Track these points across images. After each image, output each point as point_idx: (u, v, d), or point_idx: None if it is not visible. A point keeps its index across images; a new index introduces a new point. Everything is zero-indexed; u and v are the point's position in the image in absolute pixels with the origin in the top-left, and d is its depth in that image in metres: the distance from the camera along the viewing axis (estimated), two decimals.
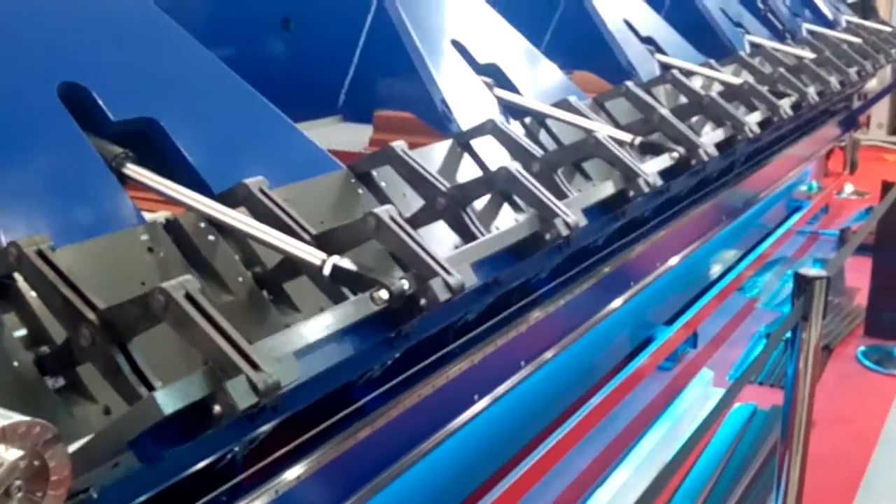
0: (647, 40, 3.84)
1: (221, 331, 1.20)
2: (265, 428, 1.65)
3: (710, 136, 2.90)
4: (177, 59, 1.90)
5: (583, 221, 2.02)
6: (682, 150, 2.60)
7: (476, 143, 2.41)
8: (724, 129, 3.00)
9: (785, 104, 3.39)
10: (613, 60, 3.57)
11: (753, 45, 4.56)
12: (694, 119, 3.13)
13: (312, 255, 1.50)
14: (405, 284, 1.49)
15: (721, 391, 3.40)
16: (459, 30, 2.82)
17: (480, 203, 2.12)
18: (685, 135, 2.70)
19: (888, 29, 6.33)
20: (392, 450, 2.03)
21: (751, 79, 3.63)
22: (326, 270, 1.47)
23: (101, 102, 1.64)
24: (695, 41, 4.12)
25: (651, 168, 2.41)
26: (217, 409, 1.17)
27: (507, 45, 3.00)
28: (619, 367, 3.18)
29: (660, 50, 3.84)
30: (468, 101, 2.58)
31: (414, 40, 2.61)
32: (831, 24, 5.91)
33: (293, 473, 1.76)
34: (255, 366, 1.19)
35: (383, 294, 1.45)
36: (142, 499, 1.43)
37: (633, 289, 3.16)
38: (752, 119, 3.15)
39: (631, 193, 2.31)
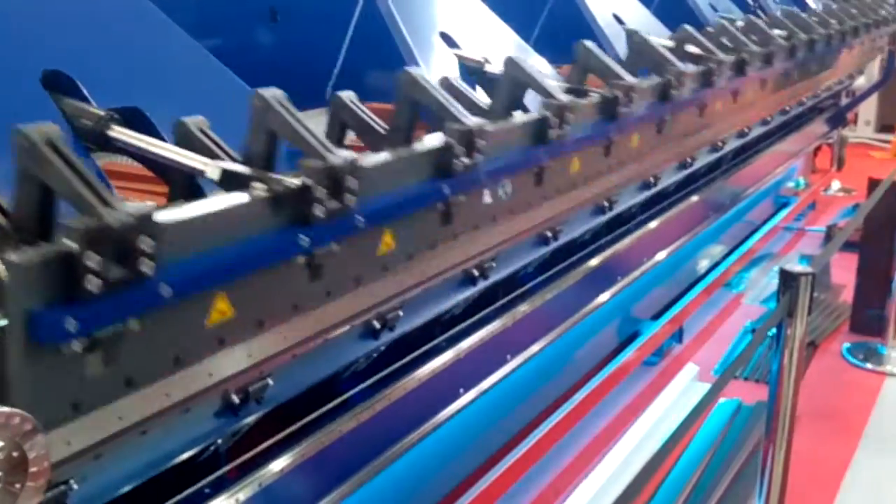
0: None
1: (80, 174, 1.22)
2: (248, 420, 1.64)
3: (646, 80, 2.91)
4: (163, 49, 1.89)
5: (489, 126, 2.00)
6: (606, 92, 2.59)
7: None
8: (661, 77, 3.01)
9: (725, 57, 3.43)
10: None
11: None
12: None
13: (202, 162, 1.53)
14: (284, 179, 1.51)
15: (706, 386, 3.40)
16: (448, 23, 2.81)
17: None
18: (612, 70, 2.66)
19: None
20: (377, 443, 2.03)
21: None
22: (215, 175, 1.50)
23: (85, 91, 1.63)
24: None
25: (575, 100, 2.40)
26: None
27: (496, 38, 3.00)
28: (605, 362, 3.19)
29: None
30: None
31: (403, 33, 2.60)
32: None
33: (277, 466, 1.75)
34: (107, 203, 1.20)
35: (259, 185, 1.49)
36: (123, 490, 1.43)
37: (619, 284, 3.17)
38: (691, 68, 3.16)
39: (548, 116, 2.27)
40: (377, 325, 1.89)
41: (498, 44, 2.95)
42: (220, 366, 1.46)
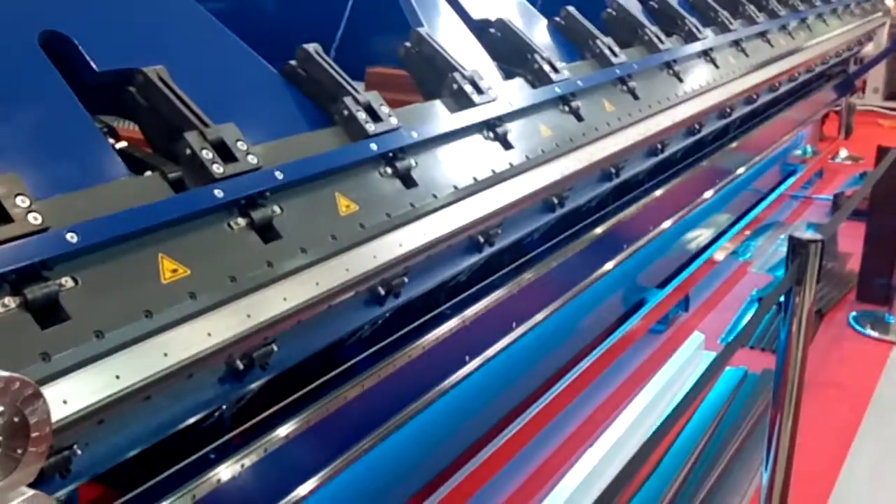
0: None
1: None
2: (253, 386, 1.63)
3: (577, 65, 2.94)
4: (163, 11, 1.85)
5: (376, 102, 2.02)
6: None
7: None
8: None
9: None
10: None
11: None
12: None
13: (113, 144, 1.61)
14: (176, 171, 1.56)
15: (712, 354, 3.39)
16: None
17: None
18: (528, 44, 2.73)
19: None
20: (383, 410, 2.02)
21: None
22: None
23: (84, 52, 1.60)
24: None
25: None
26: None
27: (501, 0, 2.95)
28: (611, 330, 3.18)
29: None
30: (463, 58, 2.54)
31: None
32: None
33: (282, 432, 1.74)
34: None
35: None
36: (127, 456, 1.42)
37: (625, 251, 3.15)
38: (609, 41, 3.15)
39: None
40: (382, 291, 1.87)
41: (503, 6, 2.90)
42: None
